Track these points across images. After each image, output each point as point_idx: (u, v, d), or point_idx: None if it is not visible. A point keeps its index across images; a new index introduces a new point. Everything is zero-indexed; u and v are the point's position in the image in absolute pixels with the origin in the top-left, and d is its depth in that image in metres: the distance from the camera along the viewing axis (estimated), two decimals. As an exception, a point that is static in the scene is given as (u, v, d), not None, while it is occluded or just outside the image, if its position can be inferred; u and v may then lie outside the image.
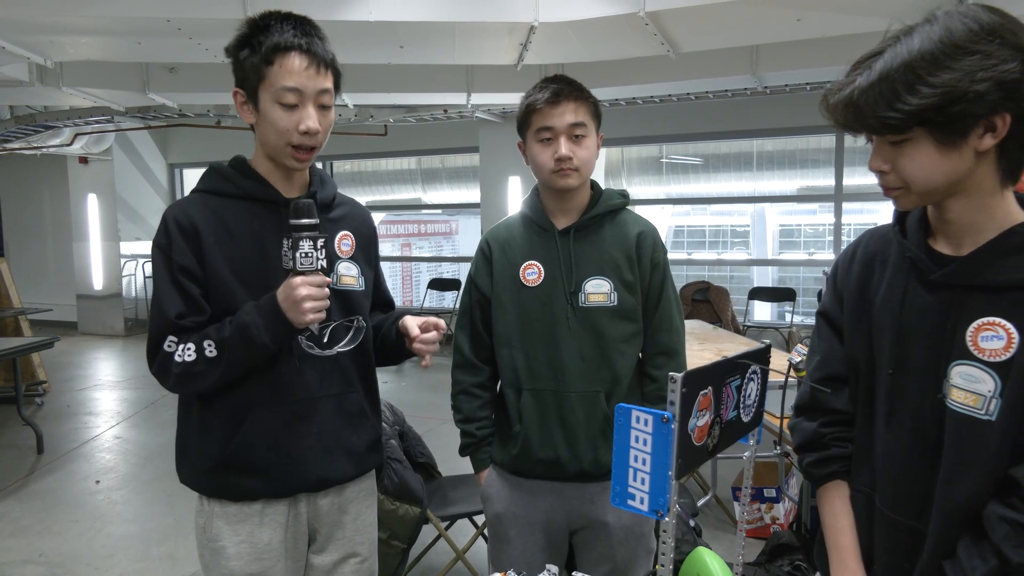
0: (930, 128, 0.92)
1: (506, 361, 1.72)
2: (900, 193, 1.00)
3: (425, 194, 9.29)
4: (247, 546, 1.45)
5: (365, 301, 1.56)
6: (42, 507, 3.90)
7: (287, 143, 1.37)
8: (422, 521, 2.66)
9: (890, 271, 1.10)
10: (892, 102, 0.91)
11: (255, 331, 1.34)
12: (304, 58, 1.34)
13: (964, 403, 0.99)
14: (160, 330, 1.38)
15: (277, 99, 1.35)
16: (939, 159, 0.94)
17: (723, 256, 8.77)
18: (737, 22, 4.06)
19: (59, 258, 10.09)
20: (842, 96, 0.97)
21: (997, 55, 0.89)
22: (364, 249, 1.58)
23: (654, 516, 0.81)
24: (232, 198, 1.44)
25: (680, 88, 5.62)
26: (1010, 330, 0.95)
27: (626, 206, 1.75)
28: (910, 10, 3.99)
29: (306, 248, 1.31)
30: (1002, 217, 0.99)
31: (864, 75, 0.95)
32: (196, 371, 1.36)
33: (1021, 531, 0.95)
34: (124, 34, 4.36)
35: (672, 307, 1.73)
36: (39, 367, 6.28)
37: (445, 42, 4.46)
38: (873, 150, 1.00)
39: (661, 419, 0.79)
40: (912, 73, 0.90)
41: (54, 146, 8.13)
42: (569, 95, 1.63)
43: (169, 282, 1.38)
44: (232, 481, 1.44)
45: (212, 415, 1.44)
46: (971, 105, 0.89)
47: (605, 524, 1.69)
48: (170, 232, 1.39)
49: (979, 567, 0.98)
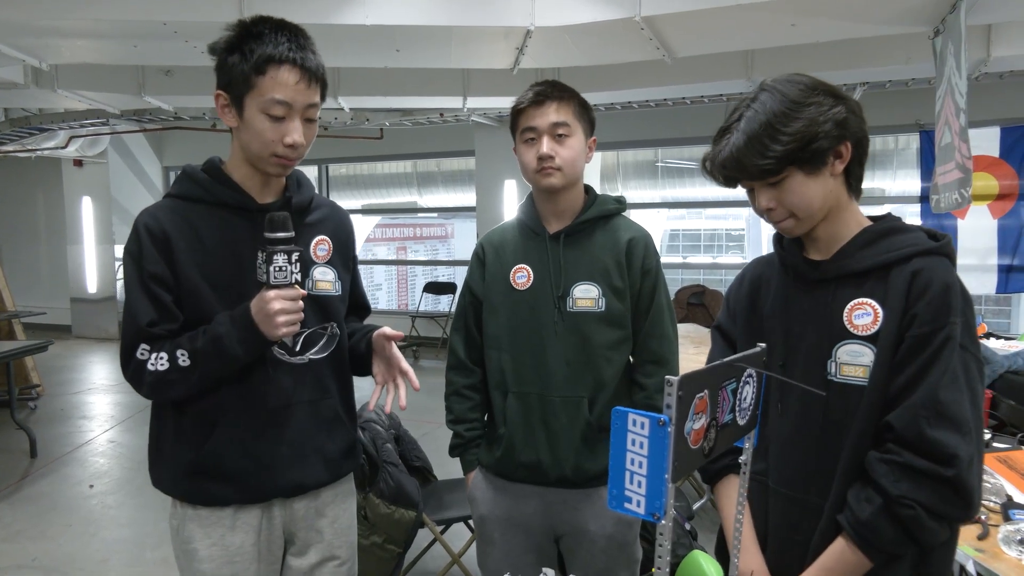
0: (799, 164, 1.17)
1: (494, 363, 1.72)
2: (791, 223, 1.23)
3: (421, 197, 9.29)
4: (219, 549, 1.45)
5: (341, 306, 1.56)
6: (35, 512, 3.88)
7: (271, 153, 1.37)
8: (417, 525, 2.65)
9: (775, 286, 1.33)
10: (764, 152, 1.15)
11: (228, 343, 1.34)
12: (296, 72, 1.33)
13: (854, 376, 1.19)
14: (132, 338, 1.37)
15: (265, 110, 1.34)
16: (812, 186, 1.18)
17: (718, 260, 8.79)
18: (733, 27, 4.08)
19: (53, 261, 10.05)
20: (723, 157, 1.20)
21: (826, 103, 1.16)
22: (341, 252, 1.57)
23: (651, 519, 0.81)
24: (205, 204, 1.43)
25: (676, 92, 5.64)
26: (875, 306, 1.18)
27: (621, 212, 1.75)
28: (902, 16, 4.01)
29: (280, 262, 1.31)
30: (855, 224, 1.25)
31: (734, 138, 1.18)
32: (169, 380, 1.36)
33: (896, 467, 1.12)
34: (120, 37, 4.35)
35: (664, 314, 1.72)
36: (32, 371, 6.25)
37: (441, 46, 4.46)
38: (756, 196, 1.23)
39: (657, 422, 0.79)
40: (772, 128, 1.15)
41: (49, 149, 8.11)
42: (552, 95, 1.64)
43: (140, 290, 1.38)
44: (204, 487, 1.44)
45: (186, 421, 1.44)
46: (823, 141, 1.15)
47: (587, 532, 1.69)
48: (141, 239, 1.39)
49: (866, 509, 1.14)
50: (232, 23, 1.38)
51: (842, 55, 4.58)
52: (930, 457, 1.10)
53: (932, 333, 1.12)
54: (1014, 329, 6.34)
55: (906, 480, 1.11)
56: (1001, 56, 4.35)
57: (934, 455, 1.10)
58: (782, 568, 1.27)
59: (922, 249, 1.18)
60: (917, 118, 5.52)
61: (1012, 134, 5.36)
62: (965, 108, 3.29)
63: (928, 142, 5.45)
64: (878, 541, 1.13)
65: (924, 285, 1.14)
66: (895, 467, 1.12)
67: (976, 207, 5.41)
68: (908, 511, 1.10)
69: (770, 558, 1.29)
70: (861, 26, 3.99)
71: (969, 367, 1.13)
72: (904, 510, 1.10)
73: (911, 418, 1.11)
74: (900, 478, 1.11)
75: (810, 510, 1.23)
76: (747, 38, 4.36)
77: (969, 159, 3.26)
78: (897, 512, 1.11)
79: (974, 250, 5.47)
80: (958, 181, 3.35)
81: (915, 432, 1.11)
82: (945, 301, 1.13)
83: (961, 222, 5.52)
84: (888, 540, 1.13)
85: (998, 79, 5.08)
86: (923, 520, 1.10)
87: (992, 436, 2.35)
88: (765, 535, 1.31)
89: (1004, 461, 2.10)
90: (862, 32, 4.11)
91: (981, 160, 5.19)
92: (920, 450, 1.10)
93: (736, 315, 1.40)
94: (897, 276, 1.17)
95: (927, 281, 1.14)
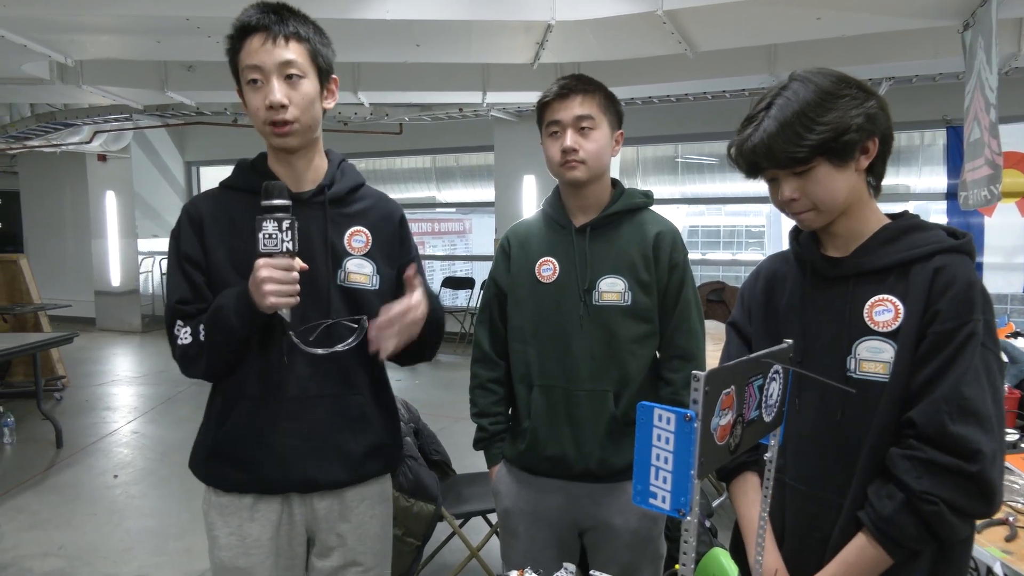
0: (828, 156, 1.15)
1: (519, 356, 1.72)
2: (811, 215, 1.21)
3: (439, 193, 9.31)
4: (236, 539, 1.45)
5: (378, 300, 1.47)
6: (61, 501, 3.95)
7: (263, 122, 1.37)
8: (436, 518, 2.66)
9: (790, 283, 1.32)
10: (797, 140, 1.14)
11: (225, 313, 1.35)
12: (260, 36, 1.34)
13: (874, 372, 1.18)
14: (170, 315, 1.43)
15: (245, 81, 1.37)
16: (838, 178, 1.17)
17: (738, 256, 8.72)
18: (756, 21, 4.03)
19: (78, 254, 10.21)
20: (753, 143, 1.17)
21: (858, 96, 1.16)
22: (384, 247, 1.53)
23: (676, 515, 0.80)
24: (241, 191, 1.46)
25: (697, 87, 5.59)
26: (896, 303, 1.17)
27: (648, 206, 1.74)
28: (930, 9, 3.95)
29: (270, 229, 1.30)
30: (875, 221, 1.24)
31: (765, 124, 1.16)
32: (191, 354, 1.39)
33: (918, 463, 1.11)
34: (144, 32, 4.39)
35: (691, 309, 1.70)
36: (58, 362, 6.36)
37: (461, 40, 4.46)
38: (780, 186, 1.21)
39: (684, 417, 0.78)
40: (806, 117, 1.14)
41: (73, 144, 8.22)
42: (577, 89, 1.63)
43: (176, 269, 1.44)
44: (221, 470, 1.46)
45: (212, 404, 1.49)
46: (854, 134, 1.14)
47: (611, 527, 1.68)
48: (181, 223, 1.46)
49: (887, 505, 1.13)
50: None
51: (868, 49, 4.51)
52: (953, 453, 1.09)
53: (955, 329, 1.11)
54: (1041, 329, 6.22)
55: (928, 476, 1.10)
56: (1032, 50, 4.27)
57: (958, 450, 1.08)
58: (800, 565, 1.26)
59: (944, 247, 1.17)
60: (944, 114, 5.43)
61: (1042, 130, 5.25)
62: (995, 103, 3.23)
63: (955, 138, 5.37)
64: (900, 537, 1.12)
65: (947, 282, 1.14)
66: (917, 463, 1.11)
67: (1004, 204, 5.31)
68: (931, 507, 1.09)
69: (787, 555, 1.28)
70: (888, 20, 3.93)
71: (990, 364, 1.12)
72: (927, 506, 1.09)
73: (934, 413, 1.10)
74: (922, 474, 1.10)
75: (828, 506, 1.22)
76: (771, 32, 4.31)
77: (999, 155, 3.20)
78: (919, 508, 1.10)
79: (1001, 248, 5.38)
80: (987, 177, 3.29)
81: (938, 427, 1.10)
82: (968, 298, 1.12)
83: (988, 220, 5.43)
84: (910, 536, 1.12)
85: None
86: (945, 516, 1.09)
87: (1020, 437, 2.31)
88: (782, 532, 1.30)
89: (1033, 462, 2.06)
90: (889, 26, 4.05)
91: (1010, 156, 5.09)
92: (943, 446, 1.09)
93: (751, 312, 1.39)
94: (919, 273, 1.16)
95: (950, 278, 1.14)
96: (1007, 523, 1.72)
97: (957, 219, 5.22)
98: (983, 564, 1.65)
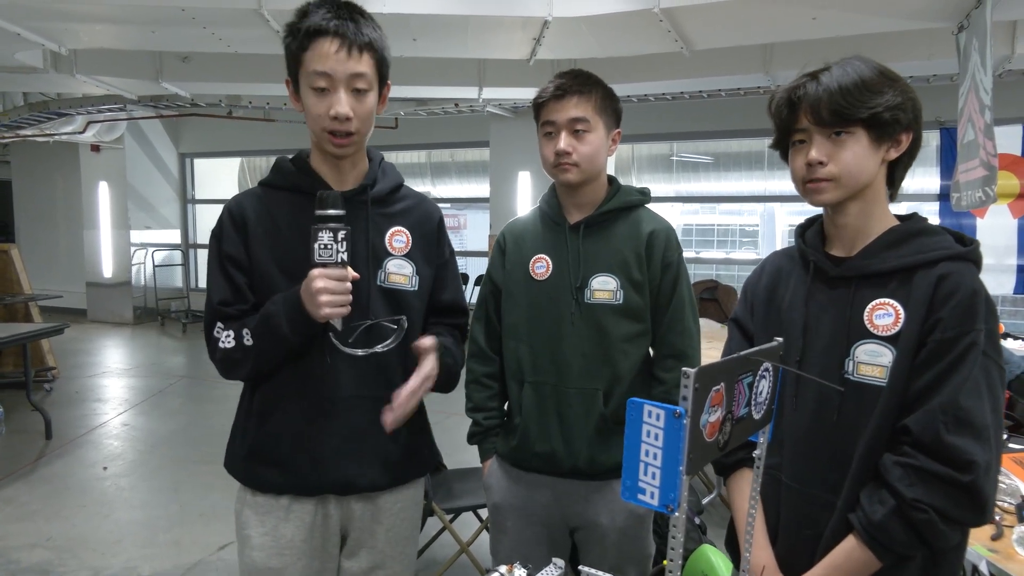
0: (870, 127, 1.16)
1: (511, 353, 1.72)
2: (829, 186, 1.19)
3: (434, 188, 9.29)
4: (270, 539, 1.43)
5: (417, 301, 1.49)
6: (50, 492, 3.94)
7: (322, 129, 1.36)
8: (427, 513, 2.66)
9: (794, 280, 1.32)
10: (855, 99, 1.14)
11: (277, 321, 1.34)
12: (335, 41, 1.30)
13: (872, 375, 1.18)
14: (209, 316, 1.42)
15: (310, 84, 1.33)
16: (870, 154, 1.17)
17: (732, 255, 8.74)
18: (752, 20, 4.04)
19: (70, 245, 10.16)
20: (808, 91, 1.17)
21: (908, 90, 1.18)
22: (423, 247, 1.52)
23: (664, 511, 0.81)
24: (284, 191, 1.44)
25: (693, 85, 5.60)
26: (897, 307, 1.17)
27: (644, 203, 1.74)
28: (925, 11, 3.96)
29: (325, 240, 1.28)
30: (883, 222, 1.23)
31: (824, 80, 1.16)
32: (235, 358, 1.38)
33: (911, 471, 1.11)
34: (138, 22, 4.37)
35: (685, 309, 1.69)
36: (48, 353, 6.33)
37: (458, 35, 4.45)
38: (811, 145, 1.19)
39: (673, 414, 0.78)
40: (865, 85, 1.15)
41: (66, 133, 8.18)
42: (572, 90, 1.61)
43: (218, 270, 1.41)
44: (258, 471, 1.44)
45: (252, 404, 1.46)
46: (902, 115, 1.16)
47: (599, 525, 1.69)
48: (223, 222, 1.43)
49: (878, 510, 1.13)
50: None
51: (862, 50, 4.42)
52: (947, 462, 1.09)
53: (956, 339, 1.11)
54: (1031, 330, 6.26)
55: (921, 484, 1.10)
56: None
57: (951, 460, 1.09)
58: (791, 562, 1.27)
59: (950, 254, 1.16)
60: (937, 115, 5.45)
61: (1035, 132, 5.28)
62: (990, 105, 3.25)
63: (949, 139, 5.39)
64: (889, 542, 1.13)
65: (950, 290, 1.13)
66: (910, 471, 1.11)
67: (996, 206, 5.34)
68: (922, 515, 1.10)
69: (780, 552, 1.29)
70: (883, 20, 3.94)
71: (991, 374, 1.12)
72: (918, 514, 1.10)
73: (930, 422, 1.10)
74: (915, 482, 1.10)
75: (822, 506, 1.23)
76: (767, 31, 4.32)
77: (995, 156, 3.22)
78: (910, 515, 1.10)
79: (993, 249, 5.41)
80: (982, 179, 3.30)
81: (933, 436, 1.10)
82: (971, 308, 1.12)
83: (980, 221, 5.46)
84: (899, 542, 1.12)
85: (1021, 76, 5.00)
86: (936, 524, 1.09)
87: (1008, 437, 2.33)
88: (776, 529, 1.31)
89: (1020, 462, 2.07)
90: (884, 27, 4.06)
91: (1003, 158, 5.11)
92: (937, 455, 1.09)
93: (754, 308, 1.38)
94: (922, 279, 1.15)
95: (954, 286, 1.13)
96: (994, 522, 1.73)
97: (949, 220, 5.24)
98: (969, 563, 1.67)
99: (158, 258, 9.75)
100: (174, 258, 10.09)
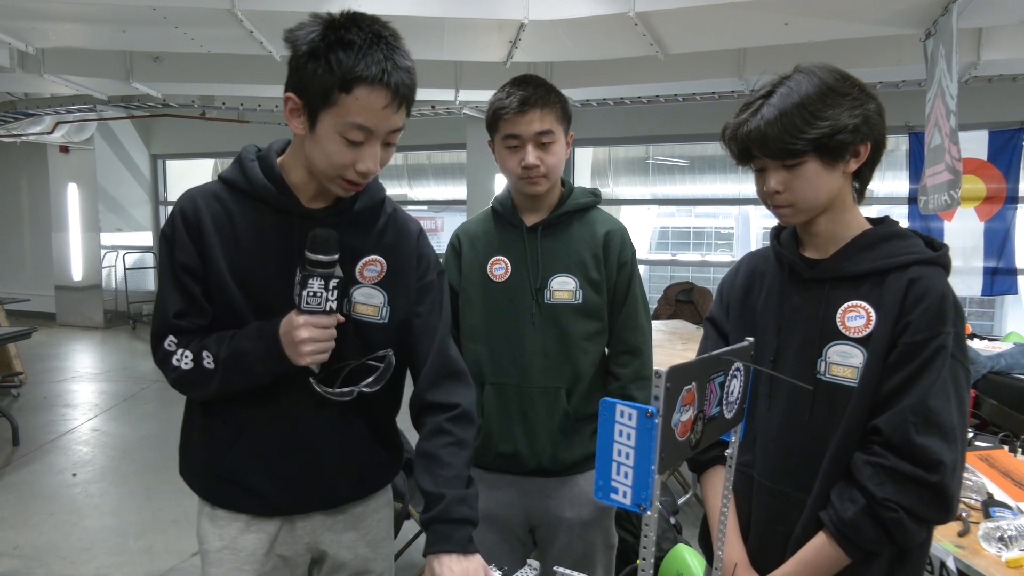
0: (820, 153, 1.15)
1: (470, 355, 1.72)
2: (790, 211, 1.22)
3: (411, 190, 9.26)
4: (229, 553, 1.35)
5: (383, 336, 1.34)
6: (17, 500, 3.85)
7: (338, 176, 1.22)
8: (403, 517, 2.65)
9: (769, 280, 1.33)
10: (794, 132, 1.13)
11: (250, 359, 1.25)
12: (386, 95, 1.16)
13: (843, 376, 1.20)
14: (160, 327, 1.31)
15: (342, 132, 1.17)
16: (825, 178, 1.17)
17: (707, 257, 8.81)
18: (726, 24, 4.08)
19: (37, 248, 9.94)
20: (750, 128, 1.17)
21: (859, 97, 1.16)
22: (399, 276, 1.37)
23: (636, 510, 0.81)
24: (248, 195, 1.30)
25: (667, 89, 5.64)
26: (869, 310, 1.19)
27: (596, 205, 1.76)
28: (894, 17, 4.03)
29: (315, 287, 1.18)
30: (856, 227, 1.25)
31: (764, 111, 1.16)
32: (192, 380, 1.29)
33: (881, 471, 1.13)
34: (108, 21, 4.30)
35: (638, 306, 1.74)
36: (15, 358, 6.18)
37: (434, 38, 4.44)
38: (767, 176, 1.21)
39: (645, 414, 0.79)
40: (806, 110, 1.13)
41: (34, 134, 8.01)
42: (535, 102, 1.60)
43: (171, 279, 1.30)
44: (225, 492, 1.36)
45: (214, 422, 1.35)
46: (849, 135, 1.14)
47: (563, 519, 1.71)
48: (175, 224, 1.29)
49: (849, 508, 1.15)
50: (313, 18, 1.19)
51: (833, 55, 4.59)
52: (916, 462, 1.11)
53: (926, 342, 1.14)
54: (997, 331, 6.40)
55: (891, 483, 1.12)
56: (991, 60, 4.39)
57: (920, 461, 1.11)
58: (763, 558, 1.29)
59: (921, 258, 1.18)
60: (907, 120, 5.55)
61: (1000, 137, 5.41)
62: (955, 110, 3.32)
63: (917, 144, 5.49)
64: (858, 539, 1.15)
65: (920, 294, 1.15)
66: (881, 470, 1.14)
67: (963, 209, 5.46)
68: (891, 514, 1.12)
69: (752, 548, 1.31)
70: (853, 26, 4.01)
71: (958, 376, 1.15)
72: (887, 512, 1.12)
73: (900, 423, 1.13)
74: (885, 481, 1.13)
75: (793, 504, 1.25)
76: (740, 36, 4.37)
77: (959, 161, 3.28)
78: (880, 514, 1.13)
79: (960, 252, 5.52)
80: (948, 183, 3.37)
81: (903, 437, 1.12)
82: (940, 312, 1.14)
83: (948, 224, 5.57)
84: (868, 539, 1.15)
85: (987, 83, 5.12)
86: (904, 522, 1.12)
87: (975, 435, 2.38)
88: (748, 526, 1.32)
89: (986, 459, 2.11)
90: (854, 33, 4.13)
91: (969, 163, 5.23)
92: (907, 455, 1.12)
93: (729, 307, 1.40)
94: (894, 282, 1.17)
95: (924, 290, 1.15)
96: (960, 519, 1.77)
97: (918, 223, 5.34)
98: (936, 559, 1.70)
99: (129, 261, 9.58)
100: (146, 261, 9.93)
